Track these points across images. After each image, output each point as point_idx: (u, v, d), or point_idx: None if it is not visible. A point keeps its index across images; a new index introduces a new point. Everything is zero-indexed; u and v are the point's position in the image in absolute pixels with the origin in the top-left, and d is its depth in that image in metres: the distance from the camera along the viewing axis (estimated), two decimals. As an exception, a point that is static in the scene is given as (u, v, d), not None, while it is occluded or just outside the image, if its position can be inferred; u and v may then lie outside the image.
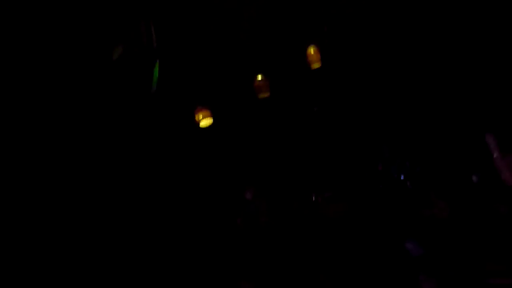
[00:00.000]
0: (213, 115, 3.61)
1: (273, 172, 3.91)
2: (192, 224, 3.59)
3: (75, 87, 3.34)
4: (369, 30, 3.74)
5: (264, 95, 3.69)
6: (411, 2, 3.58)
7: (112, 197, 3.42)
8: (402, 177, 3.46)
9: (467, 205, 3.02)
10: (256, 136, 3.97)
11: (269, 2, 3.53)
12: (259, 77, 3.60)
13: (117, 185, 3.47)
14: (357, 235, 3.29)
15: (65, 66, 3.29)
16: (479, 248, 2.75)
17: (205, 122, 3.61)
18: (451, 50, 3.57)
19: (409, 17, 3.62)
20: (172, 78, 3.66)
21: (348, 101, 3.87)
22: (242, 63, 3.70)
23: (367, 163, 3.74)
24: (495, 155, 2.69)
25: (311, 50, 3.56)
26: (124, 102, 3.58)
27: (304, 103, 3.92)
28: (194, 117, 3.58)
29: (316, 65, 3.61)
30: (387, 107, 3.79)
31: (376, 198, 3.49)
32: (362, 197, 3.54)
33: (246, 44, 3.65)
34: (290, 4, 3.58)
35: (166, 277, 3.32)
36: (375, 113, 3.81)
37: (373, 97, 3.82)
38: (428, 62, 3.70)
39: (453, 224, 2.99)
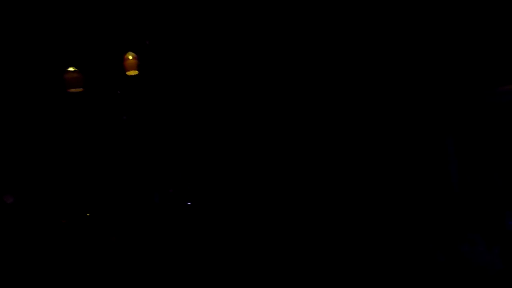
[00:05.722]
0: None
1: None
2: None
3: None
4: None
5: (77, 89, 3.67)
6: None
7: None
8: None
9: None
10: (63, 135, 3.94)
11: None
12: (71, 69, 3.58)
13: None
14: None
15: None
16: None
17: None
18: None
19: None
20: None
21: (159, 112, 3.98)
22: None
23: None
24: None
25: (129, 56, 3.64)
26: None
27: (116, 109, 3.96)
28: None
29: (132, 72, 3.69)
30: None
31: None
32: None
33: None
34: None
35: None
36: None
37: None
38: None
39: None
